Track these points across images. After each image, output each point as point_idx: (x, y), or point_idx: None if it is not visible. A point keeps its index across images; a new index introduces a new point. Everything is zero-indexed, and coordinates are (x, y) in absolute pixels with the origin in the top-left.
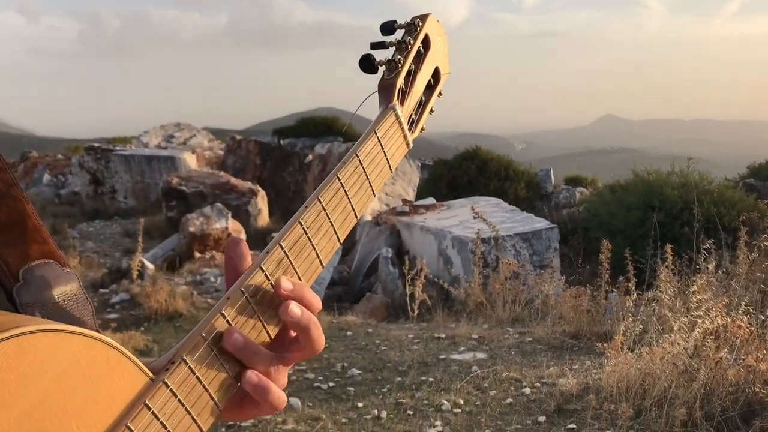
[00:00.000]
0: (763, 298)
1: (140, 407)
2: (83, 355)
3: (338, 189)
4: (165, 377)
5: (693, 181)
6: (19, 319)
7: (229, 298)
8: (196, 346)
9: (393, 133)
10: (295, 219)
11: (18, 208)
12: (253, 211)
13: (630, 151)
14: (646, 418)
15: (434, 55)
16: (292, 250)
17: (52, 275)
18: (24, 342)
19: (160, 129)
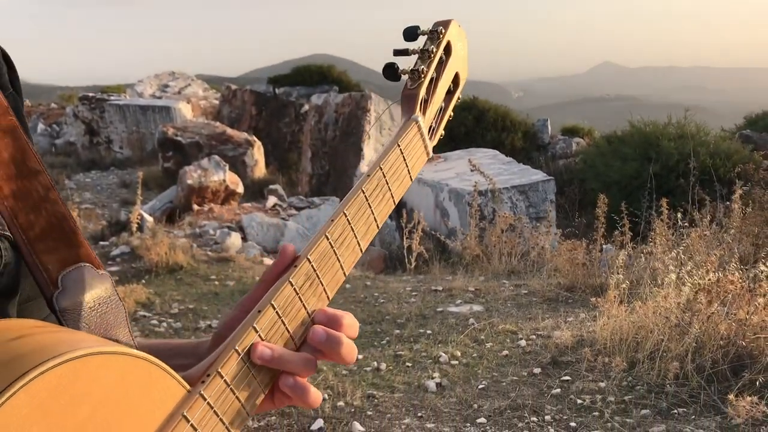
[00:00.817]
0: (755, 251)
1: (179, 419)
2: (127, 374)
3: (363, 202)
4: (201, 389)
5: (690, 132)
6: (71, 340)
7: (261, 311)
8: (230, 359)
9: (415, 143)
10: (322, 232)
11: (56, 212)
12: (249, 162)
13: (627, 99)
14: (638, 371)
15: (455, 62)
16: (319, 263)
17: (87, 279)
18: (77, 364)
19: (154, 78)
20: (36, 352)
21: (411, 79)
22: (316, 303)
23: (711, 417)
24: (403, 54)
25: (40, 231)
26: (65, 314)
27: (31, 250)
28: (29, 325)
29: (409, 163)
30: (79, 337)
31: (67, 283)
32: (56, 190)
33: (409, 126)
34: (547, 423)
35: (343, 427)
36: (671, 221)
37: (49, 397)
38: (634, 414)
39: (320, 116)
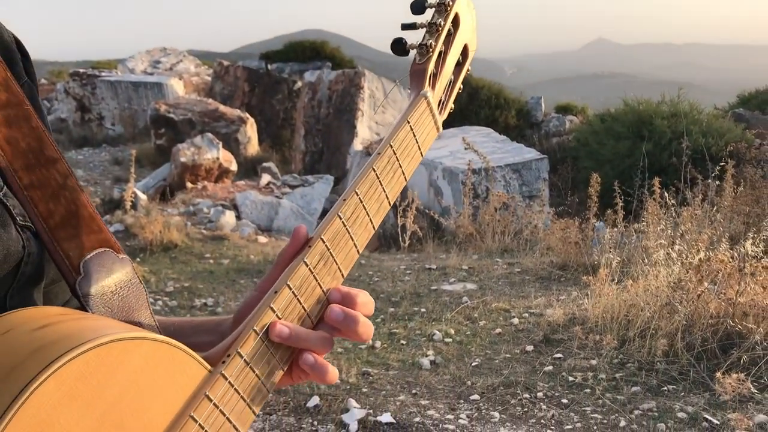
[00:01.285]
0: (746, 230)
1: (201, 398)
2: (151, 357)
3: (374, 180)
4: (222, 369)
5: (683, 111)
6: (95, 327)
7: (277, 292)
8: (248, 338)
9: (424, 119)
10: (334, 212)
11: (75, 199)
12: (242, 139)
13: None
14: (629, 348)
15: (463, 33)
16: (333, 242)
17: (108, 264)
18: (102, 351)
19: (146, 54)
20: (62, 340)
21: (419, 54)
22: (331, 281)
23: (700, 394)
24: (410, 28)
25: (60, 219)
26: (88, 299)
27: (52, 238)
28: (53, 313)
29: (419, 138)
30: (102, 324)
31: (89, 269)
32: (74, 176)
33: (418, 101)
34: (539, 400)
35: (339, 404)
36: (663, 200)
37: (77, 383)
38: (625, 391)
39: (313, 93)
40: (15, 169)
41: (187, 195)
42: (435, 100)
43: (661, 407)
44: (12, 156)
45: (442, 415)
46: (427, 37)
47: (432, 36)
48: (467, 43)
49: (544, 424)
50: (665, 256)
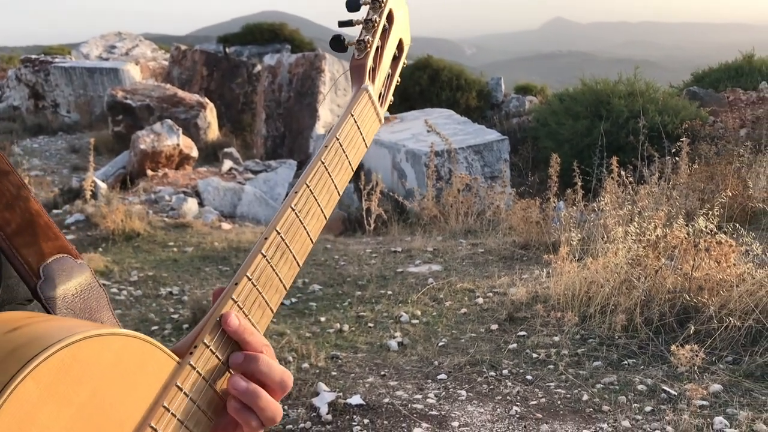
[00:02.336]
0: (701, 206)
1: (172, 388)
2: (122, 352)
3: (323, 172)
4: (190, 360)
5: (639, 89)
6: (66, 327)
7: (237, 284)
8: (213, 328)
9: (367, 112)
10: (287, 204)
11: (29, 208)
12: (202, 124)
13: (579, 55)
14: (590, 324)
15: (398, 29)
16: (287, 233)
17: (67, 269)
18: (75, 349)
19: (100, 39)
20: (36, 340)
21: (358, 50)
22: (288, 271)
23: (658, 366)
24: (347, 25)
25: (17, 227)
26: (50, 302)
27: (10, 245)
28: (22, 316)
29: (363, 130)
30: (72, 324)
31: (49, 273)
32: (27, 188)
33: (360, 95)
34: (505, 377)
35: (309, 388)
36: (621, 178)
37: (54, 380)
38: (587, 366)
39: (274, 77)
40: None
41: (147, 183)
42: (376, 93)
43: (622, 380)
44: None
45: (411, 395)
46: (364, 33)
47: (369, 32)
48: (402, 37)
49: (510, 401)
50: (623, 234)
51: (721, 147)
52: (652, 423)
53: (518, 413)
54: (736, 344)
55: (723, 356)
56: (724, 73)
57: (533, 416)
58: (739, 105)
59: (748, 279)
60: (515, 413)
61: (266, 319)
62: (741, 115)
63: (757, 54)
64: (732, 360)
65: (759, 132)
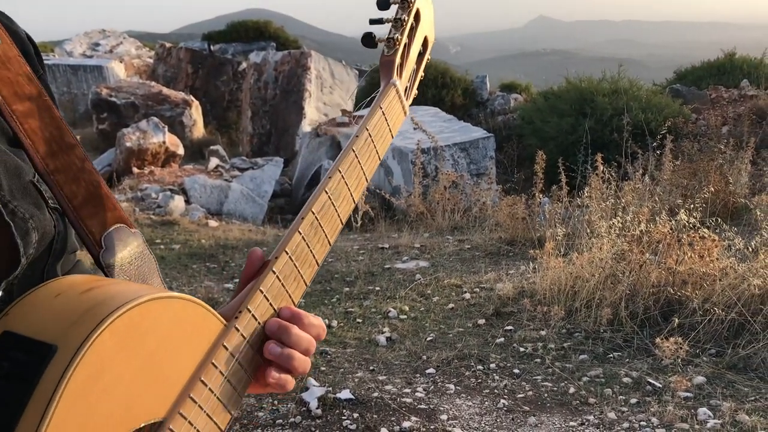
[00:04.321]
0: (684, 202)
1: (219, 348)
2: (181, 313)
3: (353, 159)
4: (236, 323)
5: (623, 87)
6: (132, 289)
7: (276, 258)
8: (255, 297)
9: (394, 105)
10: (321, 188)
11: (92, 180)
12: (187, 122)
13: (562, 53)
14: (576, 318)
15: (424, 27)
16: (321, 213)
17: (124, 238)
18: (143, 309)
19: (84, 36)
20: (109, 299)
21: (387, 47)
22: (320, 248)
23: (643, 359)
24: (378, 23)
25: (82, 199)
26: (110, 269)
27: (77, 216)
28: (91, 279)
29: (390, 122)
30: (136, 287)
31: (109, 243)
32: (89, 160)
33: (388, 89)
34: (492, 371)
35: (298, 383)
36: (605, 175)
37: (126, 333)
38: (573, 359)
39: (259, 74)
40: (42, 156)
41: (134, 180)
42: (402, 87)
43: (608, 373)
44: (39, 144)
45: (400, 389)
46: (393, 31)
47: (398, 30)
48: (427, 35)
49: (498, 394)
50: (608, 228)
51: (704, 144)
52: (638, 415)
53: (506, 406)
54: (719, 337)
55: (706, 349)
56: (707, 71)
57: (521, 409)
58: (721, 102)
59: (730, 273)
60: (503, 406)
61: (300, 290)
62: (723, 113)
63: (739, 52)
64: (715, 352)
65: (740, 129)
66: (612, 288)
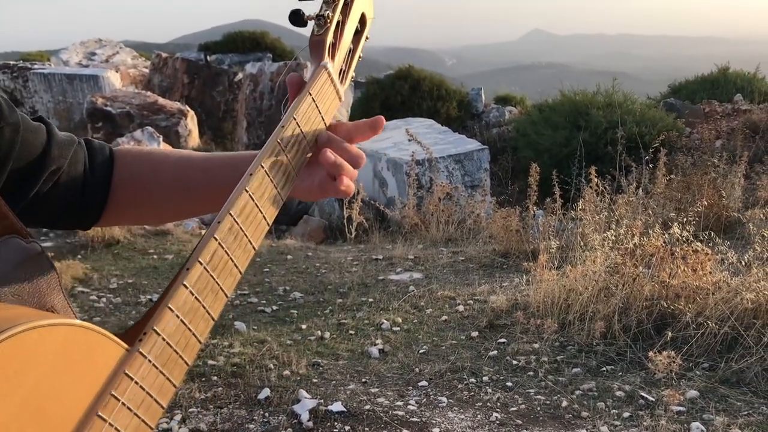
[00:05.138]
0: (678, 216)
1: (121, 376)
2: (67, 341)
3: (278, 152)
4: (139, 347)
5: (617, 101)
6: (8, 317)
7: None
8: (164, 316)
9: (326, 90)
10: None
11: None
12: (183, 132)
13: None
14: (569, 331)
15: (360, 2)
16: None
17: (17, 250)
18: (17, 340)
19: (80, 45)
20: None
21: (317, 25)
22: (243, 255)
23: (636, 373)
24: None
25: None
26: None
27: None
28: None
29: (322, 109)
30: (15, 313)
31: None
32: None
33: (318, 73)
34: (485, 384)
35: (290, 396)
36: (599, 188)
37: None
38: (566, 372)
39: (255, 85)
40: None
41: None
42: (336, 70)
43: (601, 387)
44: None
45: (392, 402)
46: (324, 7)
47: (329, 6)
48: (365, 11)
49: (490, 407)
50: (601, 241)
51: (697, 158)
52: (631, 429)
53: (498, 419)
54: (712, 351)
55: (699, 362)
56: (700, 85)
57: (513, 422)
58: (715, 117)
59: (723, 287)
60: (495, 419)
61: (219, 304)
62: (716, 127)
63: (732, 67)
64: (708, 366)
65: (734, 143)
66: (605, 301)
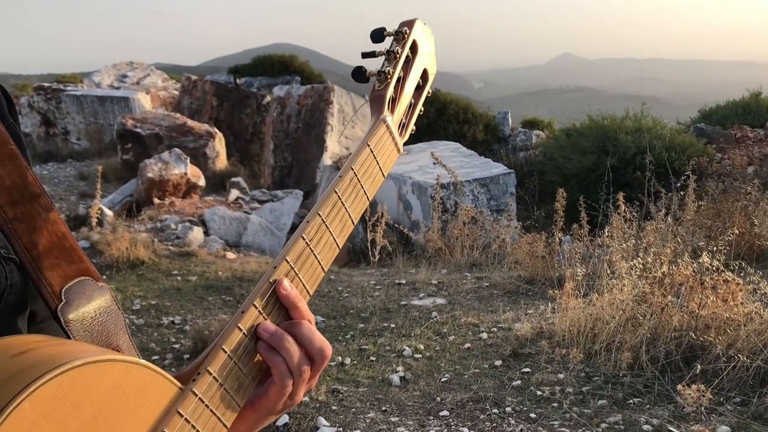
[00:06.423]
0: (708, 244)
1: (173, 414)
2: (123, 378)
3: (336, 201)
4: (192, 387)
5: (646, 126)
6: (70, 351)
7: (244, 312)
8: (217, 357)
9: (385, 141)
10: (298, 233)
11: (56, 231)
12: (210, 153)
13: (586, 90)
14: (595, 362)
15: (422, 58)
16: (297, 262)
17: (88, 291)
18: (75, 374)
19: (112, 68)
20: (38, 365)
21: (378, 81)
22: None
23: (664, 406)
24: (370, 56)
25: (43, 249)
26: (70, 325)
27: (35, 267)
28: (32, 340)
29: (380, 160)
30: (78, 348)
31: (70, 296)
32: (56, 210)
33: (377, 125)
34: (508, 414)
35: (308, 423)
36: (627, 214)
37: (52, 404)
38: (592, 404)
39: (282, 108)
40: (0, 204)
41: (154, 211)
42: (395, 123)
43: (627, 420)
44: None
45: (412, 431)
46: (386, 64)
47: (390, 63)
48: (426, 67)
49: None
50: (629, 269)
51: (728, 184)
52: None
53: None
54: (744, 385)
55: (731, 397)
56: (732, 110)
57: None
58: (747, 142)
59: (755, 318)
60: None
61: None
62: (748, 153)
63: (765, 92)
64: (740, 401)
65: (766, 170)
66: (633, 331)
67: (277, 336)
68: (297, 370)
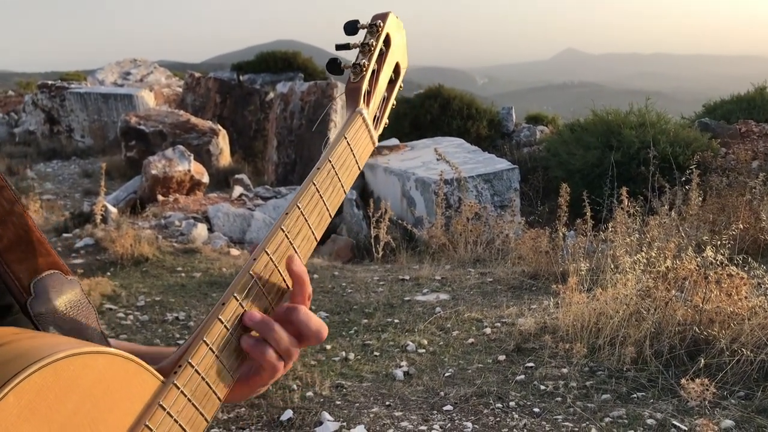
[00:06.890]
0: (712, 238)
1: (155, 407)
2: (106, 370)
3: (314, 193)
4: (174, 379)
5: (650, 121)
6: (51, 344)
7: (224, 304)
8: (199, 349)
9: (361, 134)
10: (278, 226)
11: (22, 224)
12: (214, 150)
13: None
14: (599, 356)
15: (395, 52)
16: (277, 253)
17: (58, 285)
18: (59, 366)
19: (115, 65)
20: (20, 357)
21: (353, 73)
22: (276, 291)
23: (668, 400)
24: (344, 48)
25: (9, 242)
26: (40, 318)
27: (2, 260)
28: (8, 332)
29: (356, 153)
30: (57, 341)
31: (39, 290)
32: (21, 203)
33: (354, 118)
34: (512, 409)
35: (312, 417)
36: (632, 209)
37: (36, 397)
38: (596, 399)
39: (286, 104)
40: None
41: (158, 208)
42: (370, 116)
43: (631, 414)
44: None
45: (416, 426)
46: (361, 56)
47: (365, 56)
48: (399, 61)
49: None
50: (632, 264)
51: (733, 179)
52: None
53: None
54: (748, 379)
55: (735, 391)
56: (736, 104)
57: None
58: (752, 137)
59: (760, 312)
60: None
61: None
62: (753, 147)
63: None
64: (744, 395)
65: None
66: (636, 325)
67: (263, 324)
68: (286, 353)
